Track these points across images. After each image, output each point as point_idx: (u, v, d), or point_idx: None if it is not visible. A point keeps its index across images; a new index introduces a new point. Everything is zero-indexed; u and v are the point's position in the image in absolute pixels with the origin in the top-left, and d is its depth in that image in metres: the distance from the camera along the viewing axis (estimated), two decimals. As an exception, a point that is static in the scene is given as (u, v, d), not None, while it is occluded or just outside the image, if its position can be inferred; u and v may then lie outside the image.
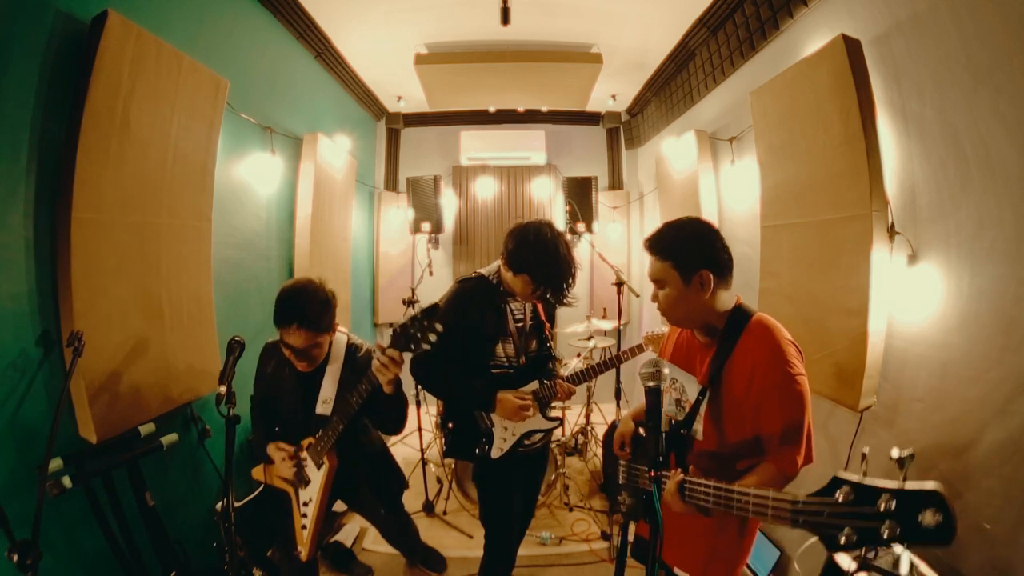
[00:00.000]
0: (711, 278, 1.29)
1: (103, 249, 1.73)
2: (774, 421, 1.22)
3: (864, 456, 0.80)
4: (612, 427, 1.69)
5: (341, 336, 1.98)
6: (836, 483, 0.80)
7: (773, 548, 2.34)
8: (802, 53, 2.15)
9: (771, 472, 1.23)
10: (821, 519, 0.81)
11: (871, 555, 1.56)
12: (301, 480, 1.94)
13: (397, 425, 1.92)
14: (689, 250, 1.30)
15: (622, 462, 1.51)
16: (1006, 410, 1.39)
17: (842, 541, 0.77)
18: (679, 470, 1.19)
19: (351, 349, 1.97)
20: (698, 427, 1.35)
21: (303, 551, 1.94)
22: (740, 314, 1.33)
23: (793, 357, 1.24)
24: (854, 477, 0.79)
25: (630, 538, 1.60)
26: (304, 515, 1.94)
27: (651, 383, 1.10)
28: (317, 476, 1.90)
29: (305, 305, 1.74)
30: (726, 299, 1.34)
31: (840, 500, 0.78)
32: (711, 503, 1.09)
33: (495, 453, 1.92)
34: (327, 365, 1.92)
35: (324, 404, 1.90)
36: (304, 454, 1.93)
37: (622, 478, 1.50)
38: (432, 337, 1.51)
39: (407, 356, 1.63)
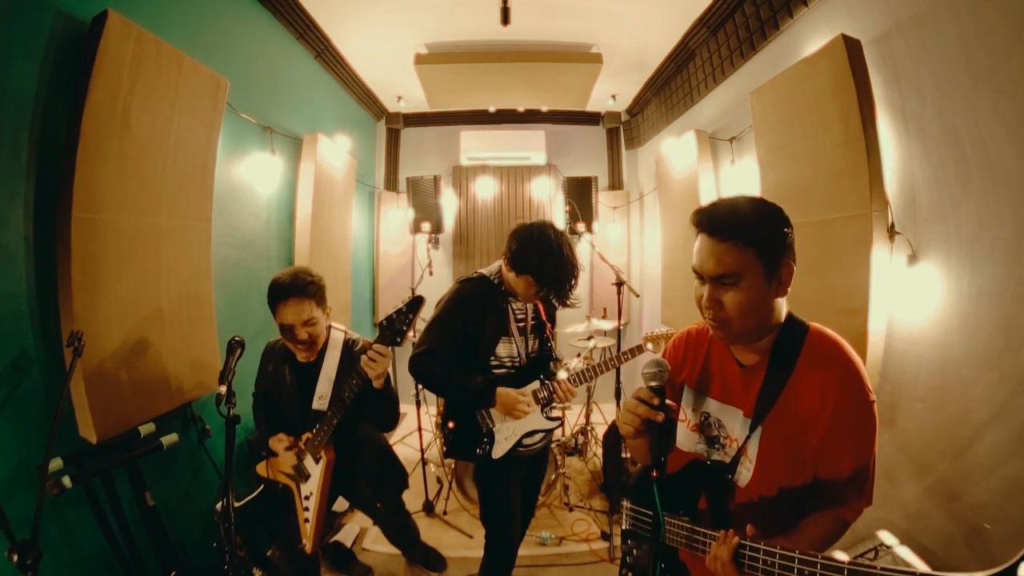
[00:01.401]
0: (792, 274, 1.02)
1: (103, 249, 1.73)
2: (844, 461, 0.97)
3: None
4: (612, 427, 1.64)
5: (338, 333, 2.01)
6: None
7: None
8: (802, 53, 2.15)
9: (830, 523, 0.99)
10: None
11: (872, 555, 1.56)
12: (301, 474, 1.97)
13: (390, 422, 1.97)
14: (777, 234, 1.00)
15: (627, 504, 1.23)
16: (1006, 410, 1.39)
17: None
18: (731, 532, 0.92)
19: (348, 344, 2.01)
20: (743, 471, 1.07)
21: (307, 544, 1.97)
22: (795, 325, 1.06)
23: (868, 381, 0.99)
24: None
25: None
26: (306, 508, 1.97)
27: (653, 383, 1.03)
28: (316, 470, 1.93)
29: (292, 281, 1.84)
30: (782, 304, 1.06)
31: None
32: None
33: (496, 453, 1.92)
34: (324, 359, 1.95)
35: (320, 400, 1.95)
36: (303, 448, 1.96)
37: (627, 523, 1.23)
38: (416, 326, 1.55)
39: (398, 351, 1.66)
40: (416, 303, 1.56)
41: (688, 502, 1.10)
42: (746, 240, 0.97)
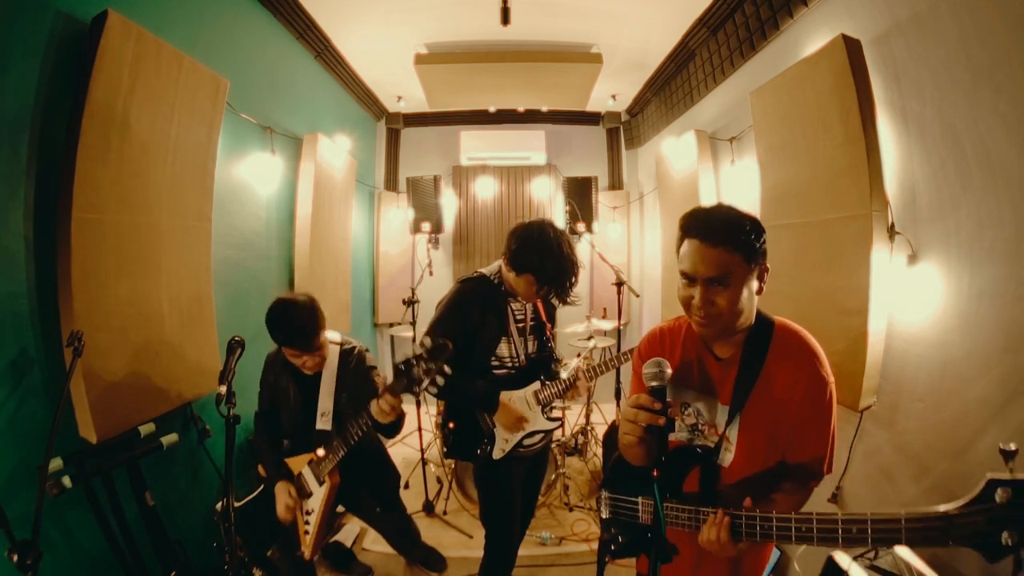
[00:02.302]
0: (767, 274, 1.13)
1: (103, 249, 1.73)
2: (811, 439, 1.12)
3: (1011, 452, 0.78)
4: (612, 427, 1.64)
5: (334, 346, 2.02)
6: (993, 485, 0.75)
7: (773, 548, 2.34)
8: (802, 53, 2.15)
9: (801, 493, 1.16)
10: (979, 528, 0.75)
11: (872, 555, 1.56)
12: (303, 493, 1.99)
13: (394, 433, 1.96)
14: (757, 240, 1.10)
15: (605, 493, 1.31)
16: (1006, 410, 1.39)
17: (1007, 542, 0.72)
18: (720, 510, 1.04)
19: (344, 354, 2.01)
20: (726, 454, 1.18)
21: (306, 552, 1.98)
22: (763, 320, 1.17)
23: (828, 366, 1.13)
24: (1006, 475, 0.75)
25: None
26: (307, 522, 1.97)
27: (654, 383, 1.05)
28: (319, 491, 1.94)
29: (293, 328, 1.84)
30: (756, 302, 1.15)
31: (1001, 502, 0.74)
32: (792, 538, 0.93)
33: (497, 454, 1.92)
34: (322, 373, 1.96)
35: (323, 417, 1.96)
36: (306, 469, 1.96)
37: (607, 512, 1.29)
38: (440, 380, 1.44)
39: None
40: (440, 350, 1.42)
41: (672, 485, 1.19)
42: (735, 245, 1.07)
